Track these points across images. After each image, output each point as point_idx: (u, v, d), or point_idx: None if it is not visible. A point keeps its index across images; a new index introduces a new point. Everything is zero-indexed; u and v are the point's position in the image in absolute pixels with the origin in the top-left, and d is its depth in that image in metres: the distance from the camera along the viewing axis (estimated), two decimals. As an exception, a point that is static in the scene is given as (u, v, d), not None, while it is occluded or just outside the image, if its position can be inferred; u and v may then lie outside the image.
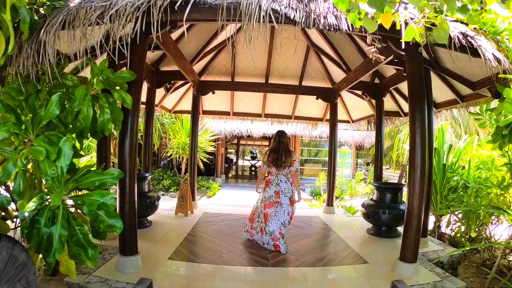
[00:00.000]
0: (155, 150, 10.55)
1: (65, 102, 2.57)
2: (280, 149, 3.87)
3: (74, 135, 2.62)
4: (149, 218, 4.76)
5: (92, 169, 2.12)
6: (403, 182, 12.33)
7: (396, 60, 3.83)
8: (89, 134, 2.61)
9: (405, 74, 4.21)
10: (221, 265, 3.24)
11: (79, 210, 2.00)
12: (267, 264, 3.33)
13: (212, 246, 3.83)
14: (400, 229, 4.65)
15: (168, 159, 10.88)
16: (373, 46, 2.22)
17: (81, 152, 5.99)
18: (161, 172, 11.32)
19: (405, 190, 4.74)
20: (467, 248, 4.20)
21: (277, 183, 3.86)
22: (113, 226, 1.89)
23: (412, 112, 3.12)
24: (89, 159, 6.37)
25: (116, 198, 1.87)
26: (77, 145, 2.74)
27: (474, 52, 2.49)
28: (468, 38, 2.43)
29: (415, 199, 3.00)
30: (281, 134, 3.97)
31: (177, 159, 10.47)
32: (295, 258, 3.52)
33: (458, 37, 2.37)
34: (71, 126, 2.53)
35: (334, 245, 4.05)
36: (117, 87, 2.64)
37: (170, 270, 3.15)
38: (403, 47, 2.03)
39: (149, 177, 4.80)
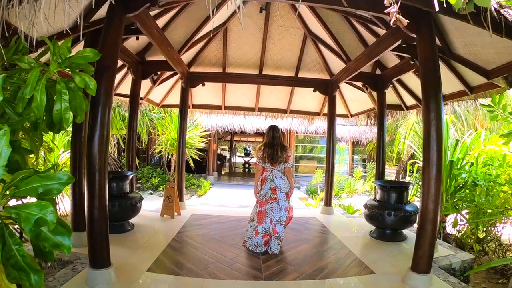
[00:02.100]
0: (143, 146, 10.02)
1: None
2: (274, 144, 3.68)
3: (27, 126, 2.18)
4: (132, 220, 4.34)
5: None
6: (400, 179, 12.05)
7: (404, 46, 3.42)
8: (45, 126, 2.15)
9: (412, 62, 3.86)
10: (207, 278, 2.82)
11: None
12: (260, 276, 2.91)
13: (199, 254, 3.41)
14: (405, 231, 4.32)
15: (158, 155, 10.38)
16: (393, 6, 1.79)
17: (55, 147, 5.43)
18: (150, 170, 10.83)
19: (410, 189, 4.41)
20: (492, 265, 3.82)
21: (271, 180, 3.66)
22: (59, 245, 1.45)
23: (426, 101, 2.73)
24: (68, 156, 5.89)
25: (56, 212, 1.42)
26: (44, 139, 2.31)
27: (509, 30, 2.09)
28: (503, 11, 2.02)
29: (430, 201, 2.62)
30: (274, 128, 3.80)
31: (167, 156, 9.98)
32: (293, 269, 3.11)
33: (494, 8, 1.96)
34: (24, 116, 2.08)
35: (335, 252, 3.66)
36: (81, 71, 2.19)
37: (148, 285, 2.74)
38: (436, 8, 1.62)
39: (131, 176, 4.35)
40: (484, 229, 4.70)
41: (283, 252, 3.58)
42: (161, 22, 4.43)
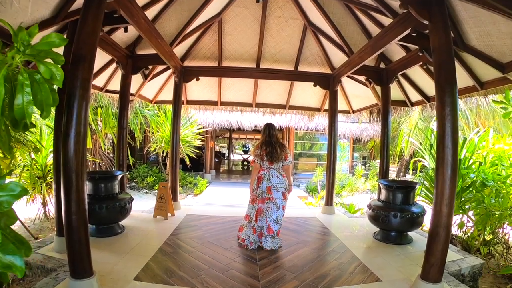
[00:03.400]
0: (138, 145, 9.72)
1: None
2: (272, 141, 3.63)
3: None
4: (123, 222, 4.12)
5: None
6: (400, 177, 11.82)
7: (413, 35, 3.14)
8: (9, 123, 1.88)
9: (421, 54, 3.57)
10: (199, 287, 2.58)
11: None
12: (256, 285, 2.67)
13: (191, 259, 3.17)
14: (411, 234, 4.08)
15: (153, 153, 10.11)
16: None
17: (42, 148, 5.15)
18: (146, 168, 10.56)
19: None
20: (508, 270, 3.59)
21: (268, 179, 3.61)
22: (10, 266, 1.20)
23: (441, 95, 2.46)
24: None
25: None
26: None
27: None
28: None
29: (444, 204, 2.38)
30: (270, 127, 3.77)
31: (162, 154, 9.70)
32: (292, 276, 2.87)
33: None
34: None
35: (337, 256, 3.41)
36: (49, 60, 1.92)
37: (133, 296, 2.49)
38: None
39: (120, 176, 4.09)
40: (491, 231, 4.48)
41: (282, 257, 3.35)
42: (151, 13, 4.16)
